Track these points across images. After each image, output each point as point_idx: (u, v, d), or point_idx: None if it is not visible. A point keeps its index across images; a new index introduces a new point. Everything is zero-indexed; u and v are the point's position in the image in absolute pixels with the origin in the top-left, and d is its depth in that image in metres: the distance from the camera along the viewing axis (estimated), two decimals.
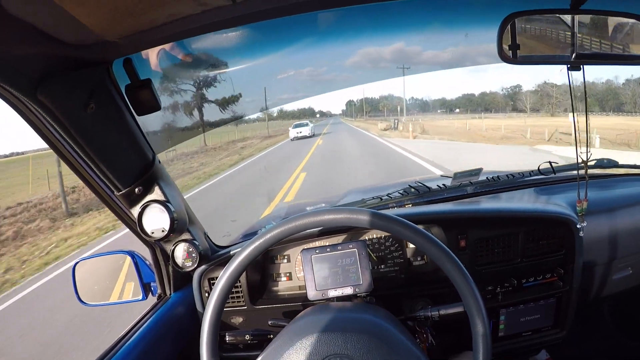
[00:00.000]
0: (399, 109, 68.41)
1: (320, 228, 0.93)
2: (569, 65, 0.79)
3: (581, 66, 0.78)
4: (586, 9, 0.74)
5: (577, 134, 0.81)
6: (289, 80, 1.08)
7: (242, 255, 0.70)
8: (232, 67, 0.97)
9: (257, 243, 0.70)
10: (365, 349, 0.60)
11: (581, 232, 0.96)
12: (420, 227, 0.69)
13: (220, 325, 0.71)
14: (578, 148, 0.81)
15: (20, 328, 3.56)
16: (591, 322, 1.27)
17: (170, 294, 1.04)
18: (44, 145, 0.79)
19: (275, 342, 0.67)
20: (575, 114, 0.82)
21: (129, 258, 1.04)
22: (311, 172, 8.59)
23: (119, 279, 1.09)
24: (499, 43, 0.79)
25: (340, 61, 1.15)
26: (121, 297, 1.07)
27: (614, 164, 1.31)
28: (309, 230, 0.96)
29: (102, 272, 1.05)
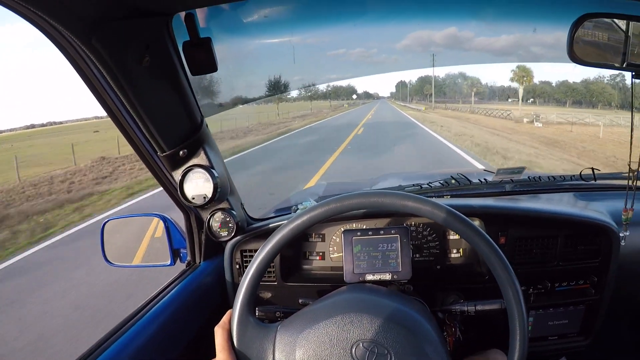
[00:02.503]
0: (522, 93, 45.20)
1: (364, 210, 0.91)
2: (633, 73, 0.80)
3: None
4: None
5: (632, 142, 0.82)
6: (339, 59, 1.04)
7: (295, 222, 0.65)
8: (288, 37, 0.93)
9: (315, 212, 0.65)
10: (402, 345, 0.58)
11: (623, 241, 0.96)
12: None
13: None
14: (631, 156, 0.83)
15: None
16: (618, 332, 1.24)
17: (199, 262, 1.03)
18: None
19: (313, 309, 0.64)
20: (633, 120, 0.83)
21: (157, 221, 1.02)
22: None
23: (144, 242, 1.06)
24: (569, 42, 0.78)
25: (391, 43, 1.12)
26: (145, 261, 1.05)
27: None
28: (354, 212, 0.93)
29: (130, 234, 1.02)
